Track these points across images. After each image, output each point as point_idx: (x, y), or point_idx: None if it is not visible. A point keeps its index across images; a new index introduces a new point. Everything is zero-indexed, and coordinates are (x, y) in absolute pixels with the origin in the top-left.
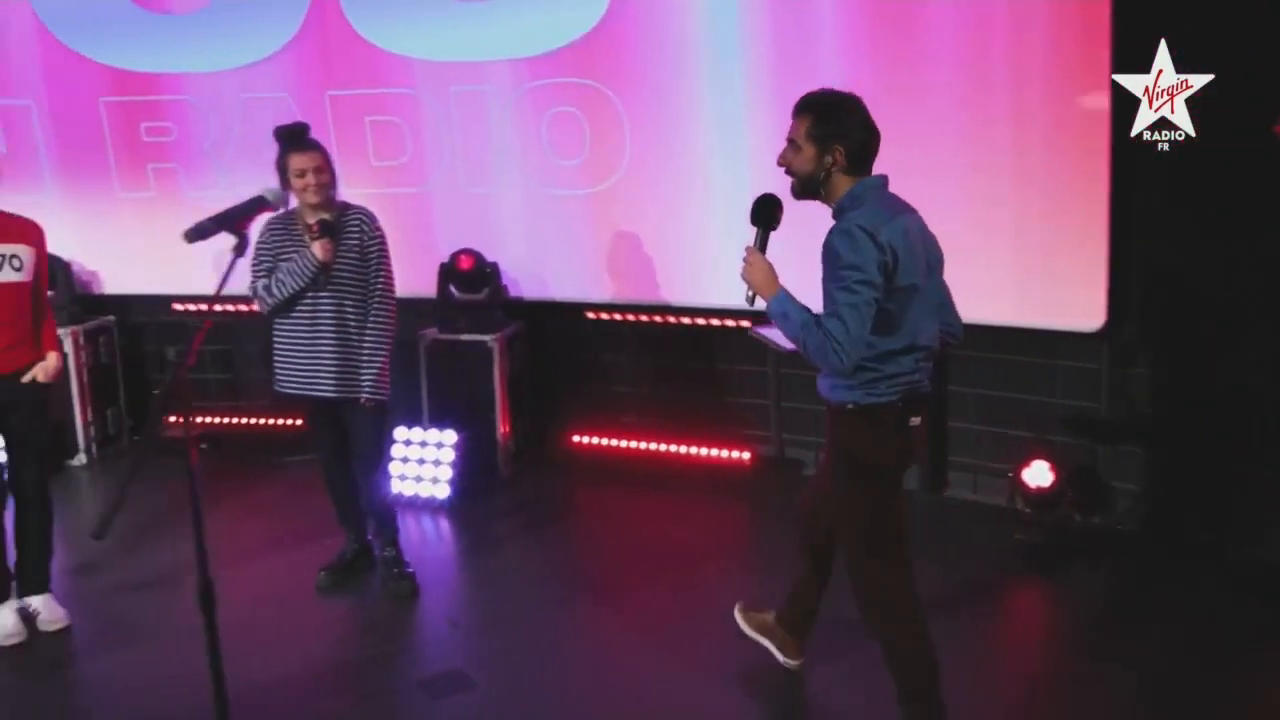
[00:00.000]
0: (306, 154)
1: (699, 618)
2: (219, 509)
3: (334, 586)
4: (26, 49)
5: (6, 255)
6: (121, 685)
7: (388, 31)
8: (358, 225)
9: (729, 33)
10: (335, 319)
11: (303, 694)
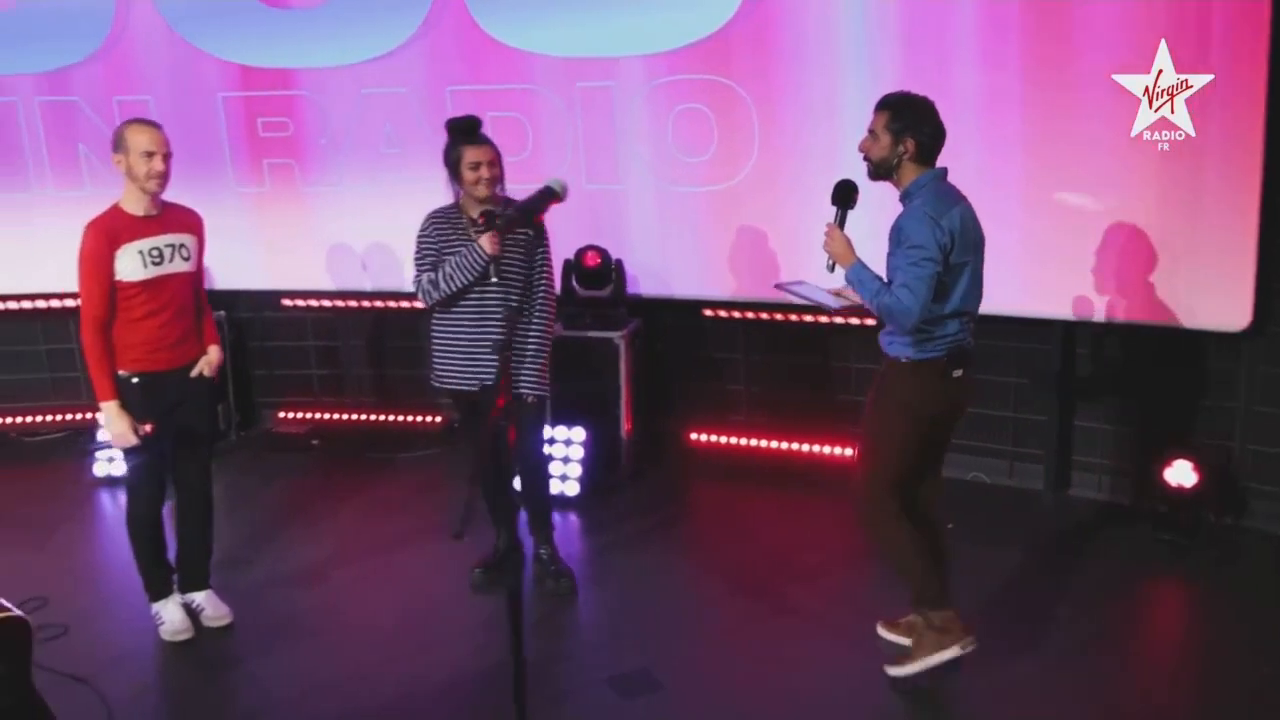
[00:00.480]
0: (481, 147)
1: (858, 615)
2: (344, 505)
3: (489, 584)
4: (146, 44)
5: (176, 245)
6: (297, 684)
7: (514, 27)
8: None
9: (859, 30)
10: (502, 313)
11: (491, 692)
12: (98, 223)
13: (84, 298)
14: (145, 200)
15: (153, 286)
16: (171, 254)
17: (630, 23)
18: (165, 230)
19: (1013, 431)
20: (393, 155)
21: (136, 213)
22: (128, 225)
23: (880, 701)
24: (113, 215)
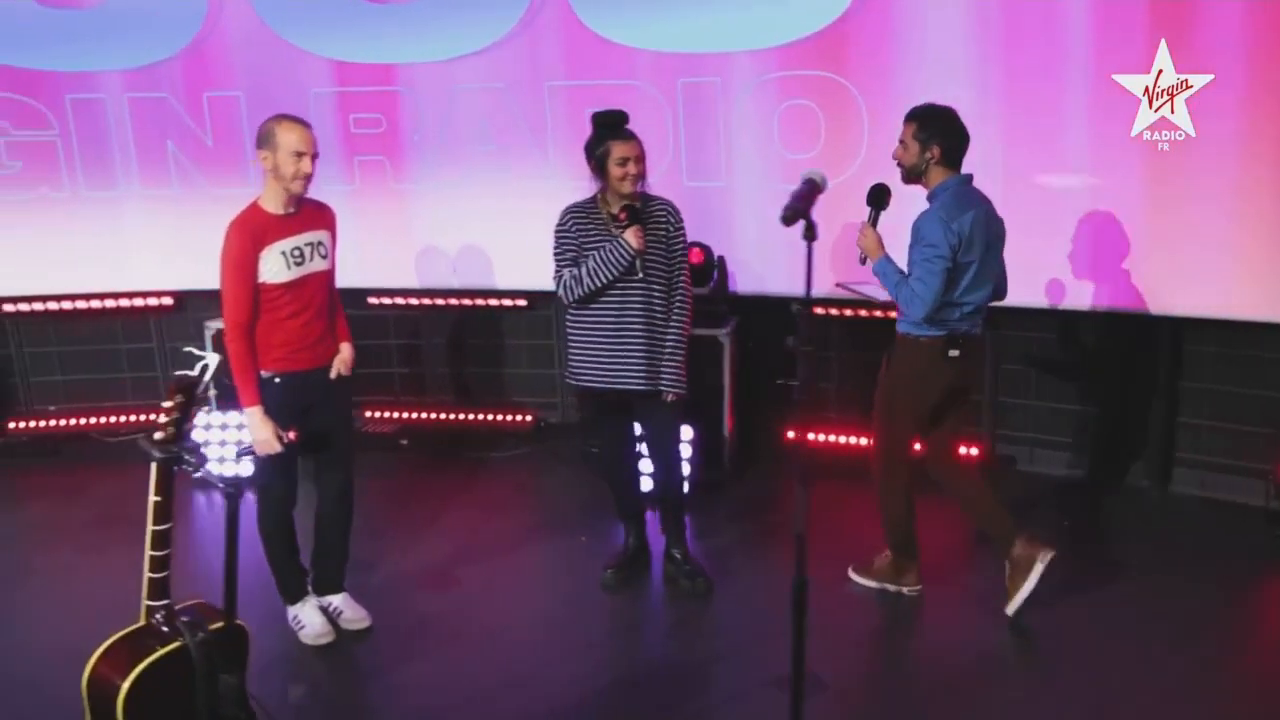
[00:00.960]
0: (629, 143)
1: (986, 605)
2: (449, 505)
3: (621, 584)
4: (238, 40)
5: (314, 243)
6: (458, 689)
7: (617, 22)
8: (664, 215)
9: (970, 27)
10: (644, 310)
11: (660, 694)
12: (241, 224)
13: (229, 302)
14: (285, 198)
15: (295, 287)
16: (311, 253)
17: (739, 17)
18: (305, 228)
19: (1112, 427)
20: (487, 152)
21: (277, 211)
22: (271, 225)
23: (1038, 692)
24: (255, 215)
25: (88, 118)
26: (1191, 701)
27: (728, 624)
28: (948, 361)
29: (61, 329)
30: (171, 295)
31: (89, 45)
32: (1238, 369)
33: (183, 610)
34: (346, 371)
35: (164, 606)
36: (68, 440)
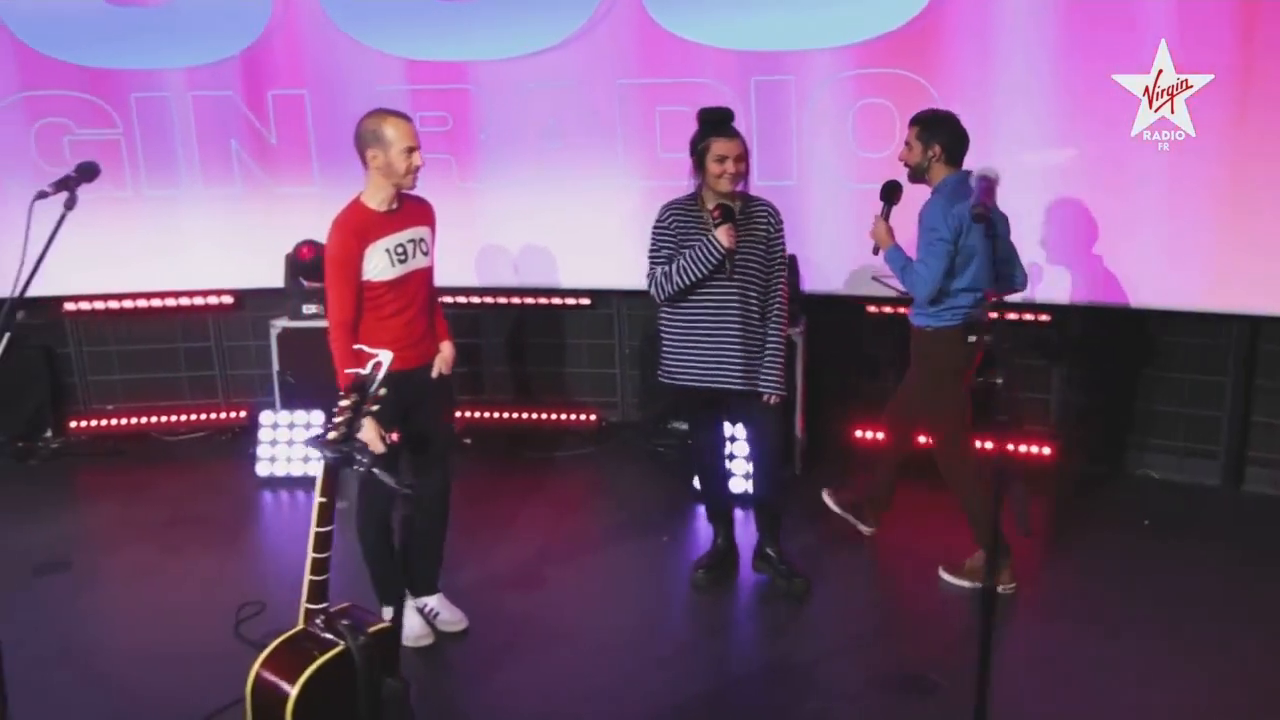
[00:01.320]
0: (732, 141)
1: (1094, 606)
2: (523, 504)
3: (712, 584)
4: (304, 37)
5: (416, 240)
6: (565, 690)
7: (690, 20)
8: (765, 216)
9: (1050, 26)
10: (740, 309)
11: (769, 695)
12: (346, 222)
13: (334, 301)
14: (390, 195)
15: (398, 285)
16: (414, 249)
17: (815, 15)
18: (407, 225)
19: (1184, 427)
20: (554, 150)
21: (381, 208)
22: (375, 222)
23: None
24: (359, 212)
25: (152, 116)
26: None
27: (824, 624)
28: (969, 347)
29: (120, 328)
30: (231, 294)
31: (154, 43)
32: None
33: (338, 613)
34: (447, 370)
35: (322, 610)
36: (127, 439)
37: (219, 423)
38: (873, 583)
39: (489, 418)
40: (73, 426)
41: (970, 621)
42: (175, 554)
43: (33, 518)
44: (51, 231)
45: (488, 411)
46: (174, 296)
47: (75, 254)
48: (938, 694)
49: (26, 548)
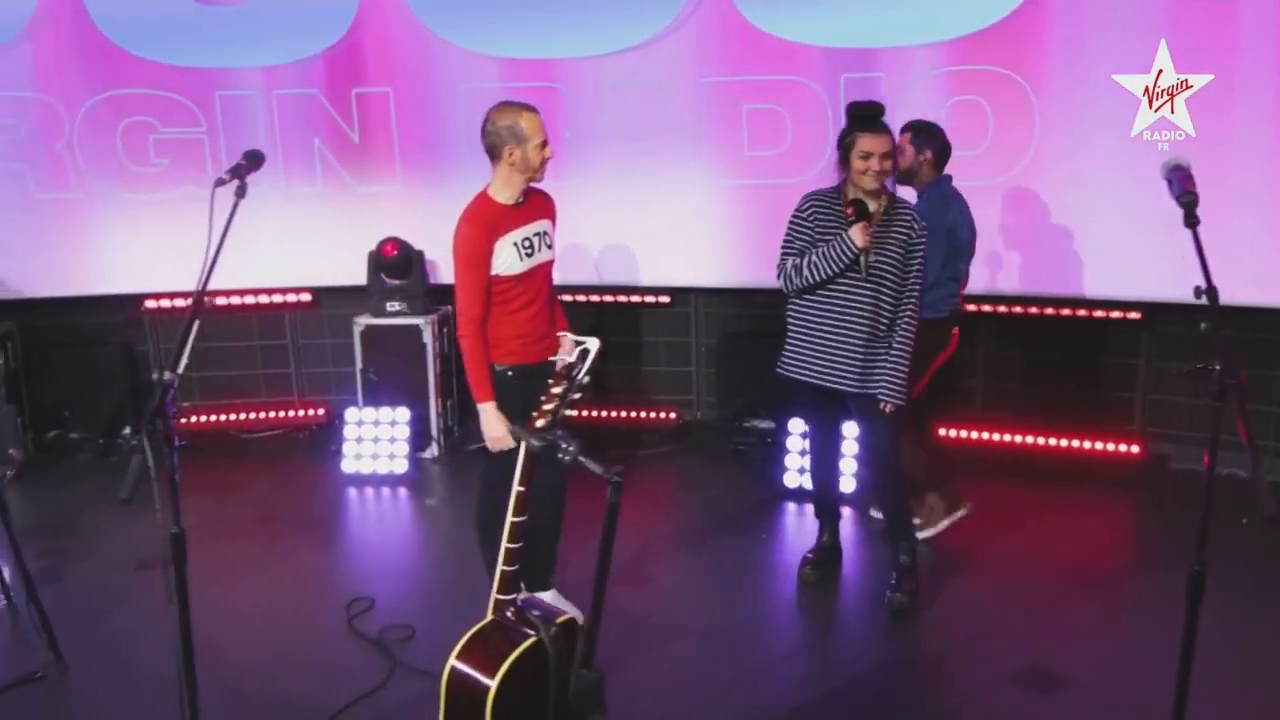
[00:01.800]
0: (878, 137)
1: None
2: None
3: (821, 580)
4: (391, 37)
5: (541, 233)
6: (682, 692)
7: (780, 17)
8: (908, 221)
9: (1149, 21)
10: (869, 312)
11: (894, 691)
12: (475, 216)
13: (465, 297)
14: (519, 189)
15: (525, 279)
16: (539, 243)
17: (907, 13)
18: (532, 219)
19: (1277, 426)
20: (640, 149)
21: (508, 202)
22: (504, 216)
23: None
24: (486, 206)
25: (235, 115)
26: None
27: (940, 620)
28: (946, 337)
29: (200, 325)
30: (310, 291)
31: (239, 42)
32: None
33: (524, 603)
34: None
35: (512, 601)
36: (205, 437)
37: (295, 421)
38: (984, 579)
39: (569, 416)
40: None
41: (1090, 612)
42: (273, 550)
43: (128, 513)
44: (226, 222)
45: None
46: (253, 294)
47: (156, 252)
48: (1069, 686)
49: (127, 543)
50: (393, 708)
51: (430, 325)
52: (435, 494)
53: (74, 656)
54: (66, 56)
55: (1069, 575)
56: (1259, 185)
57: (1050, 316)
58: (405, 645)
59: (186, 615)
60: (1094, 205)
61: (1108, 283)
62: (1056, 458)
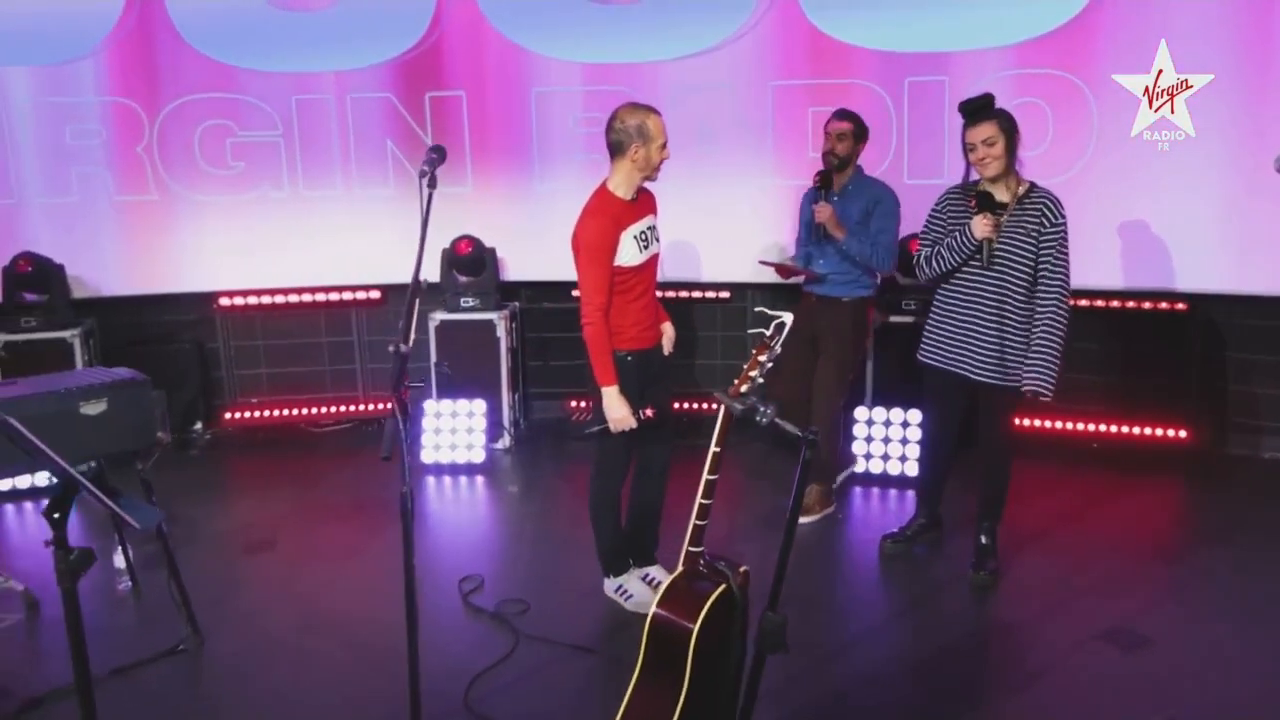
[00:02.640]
0: (976, 127)
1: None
2: (688, 490)
3: (900, 555)
4: (465, 40)
5: (652, 227)
6: (788, 658)
7: (845, 22)
8: (1040, 208)
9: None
10: (996, 301)
11: (990, 656)
12: (602, 210)
13: (592, 286)
14: (636, 186)
15: (643, 269)
16: (651, 236)
17: (969, 17)
18: (645, 213)
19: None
20: (706, 151)
21: (627, 197)
22: (625, 210)
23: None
24: (612, 201)
25: (311, 118)
26: None
27: (1023, 593)
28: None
29: (268, 323)
30: (379, 289)
31: (315, 46)
32: None
33: (713, 556)
34: (670, 348)
35: (701, 553)
36: (275, 430)
37: (362, 414)
38: (1060, 556)
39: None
40: (227, 418)
41: (1157, 582)
42: (373, 533)
43: (221, 502)
44: (424, 215)
45: None
46: (323, 291)
47: (230, 252)
48: (1150, 647)
49: (228, 529)
50: (525, 671)
51: (503, 320)
52: (516, 482)
53: (209, 630)
54: (147, 62)
55: (1134, 551)
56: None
57: (1101, 309)
58: (522, 618)
59: (411, 572)
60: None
61: (1149, 275)
62: (1110, 442)
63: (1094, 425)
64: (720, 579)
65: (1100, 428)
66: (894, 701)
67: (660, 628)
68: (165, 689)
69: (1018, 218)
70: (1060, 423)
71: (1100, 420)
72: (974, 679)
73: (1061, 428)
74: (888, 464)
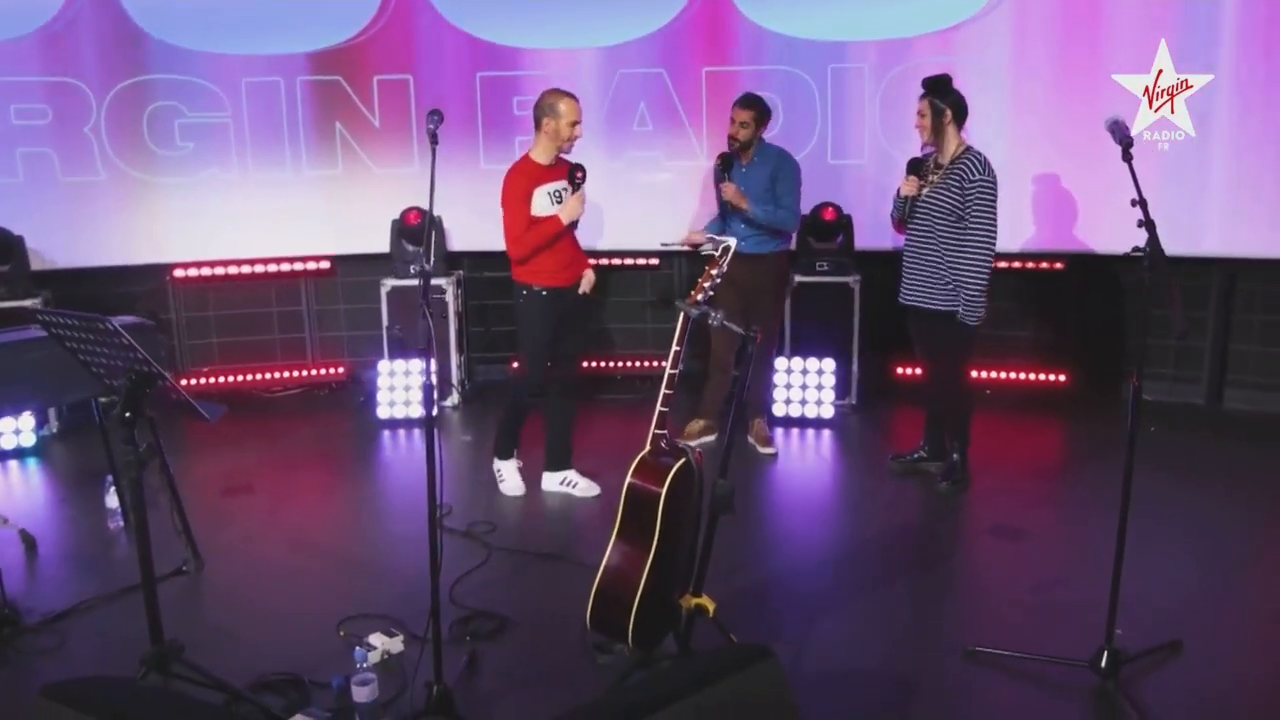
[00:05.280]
0: (919, 102)
1: None
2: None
3: (904, 473)
4: (413, 26)
5: (562, 188)
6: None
7: (772, 12)
8: (961, 171)
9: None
10: (927, 244)
11: (912, 540)
12: (519, 169)
13: (512, 225)
14: (552, 155)
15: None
16: (565, 195)
17: (886, 10)
18: (559, 177)
19: (1174, 357)
20: (642, 132)
21: (543, 162)
22: (539, 172)
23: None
24: (528, 163)
25: (261, 100)
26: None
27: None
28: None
29: (220, 294)
30: (329, 259)
31: (266, 29)
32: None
33: (672, 438)
34: (586, 289)
35: (664, 435)
36: (227, 396)
37: (312, 380)
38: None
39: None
40: (181, 385)
41: (1040, 490)
42: (345, 477)
43: (192, 455)
44: (432, 165)
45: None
46: (274, 263)
47: (179, 227)
48: (1029, 538)
49: (205, 477)
50: (499, 576)
51: (450, 286)
52: (469, 433)
53: (206, 557)
54: (95, 42)
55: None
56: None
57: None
58: (491, 535)
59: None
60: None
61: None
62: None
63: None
64: (681, 454)
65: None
66: (831, 586)
67: (634, 494)
68: (176, 602)
69: (947, 176)
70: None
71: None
72: (880, 567)
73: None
74: (805, 408)
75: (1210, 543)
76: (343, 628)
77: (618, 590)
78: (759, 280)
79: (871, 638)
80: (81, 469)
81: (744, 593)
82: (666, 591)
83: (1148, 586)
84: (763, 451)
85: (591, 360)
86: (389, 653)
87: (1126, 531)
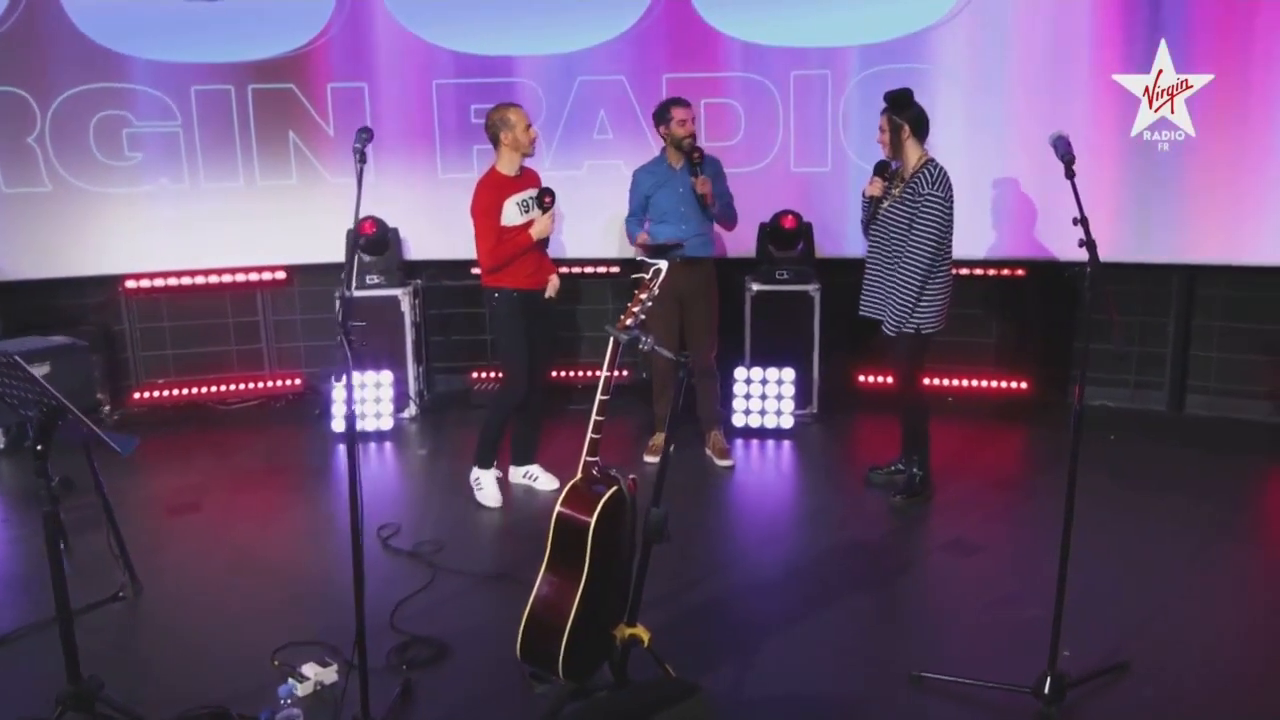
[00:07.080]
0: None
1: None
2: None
3: (880, 485)
4: (366, 33)
5: (530, 197)
6: (695, 575)
7: (733, 18)
8: (918, 181)
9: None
10: (884, 254)
11: (875, 556)
12: (487, 183)
13: (482, 235)
14: (517, 165)
15: (525, 228)
16: (533, 204)
17: (847, 16)
18: (527, 186)
19: (1135, 363)
20: (602, 139)
21: (510, 174)
22: (507, 184)
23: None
24: (496, 176)
25: (212, 109)
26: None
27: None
28: None
29: (174, 305)
30: (284, 269)
31: (216, 37)
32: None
33: (605, 466)
34: (552, 294)
35: (596, 462)
36: (184, 409)
37: (269, 391)
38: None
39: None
40: (135, 398)
41: (997, 502)
42: (295, 493)
43: (140, 474)
44: (358, 183)
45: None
46: (230, 273)
47: (129, 239)
48: (982, 551)
49: (150, 496)
50: (442, 599)
51: (407, 296)
52: (424, 446)
53: (145, 579)
54: (39, 50)
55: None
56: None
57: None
58: (438, 554)
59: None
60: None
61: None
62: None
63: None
64: (613, 483)
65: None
66: (778, 609)
67: (563, 524)
68: (111, 628)
69: (905, 189)
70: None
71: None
72: (830, 587)
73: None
74: (764, 418)
75: (1165, 555)
76: (277, 657)
77: (548, 621)
78: (696, 285)
79: (817, 662)
80: (26, 488)
81: (689, 616)
82: (599, 622)
83: (1100, 603)
84: (720, 464)
85: (558, 369)
86: (322, 683)
87: (1070, 550)
